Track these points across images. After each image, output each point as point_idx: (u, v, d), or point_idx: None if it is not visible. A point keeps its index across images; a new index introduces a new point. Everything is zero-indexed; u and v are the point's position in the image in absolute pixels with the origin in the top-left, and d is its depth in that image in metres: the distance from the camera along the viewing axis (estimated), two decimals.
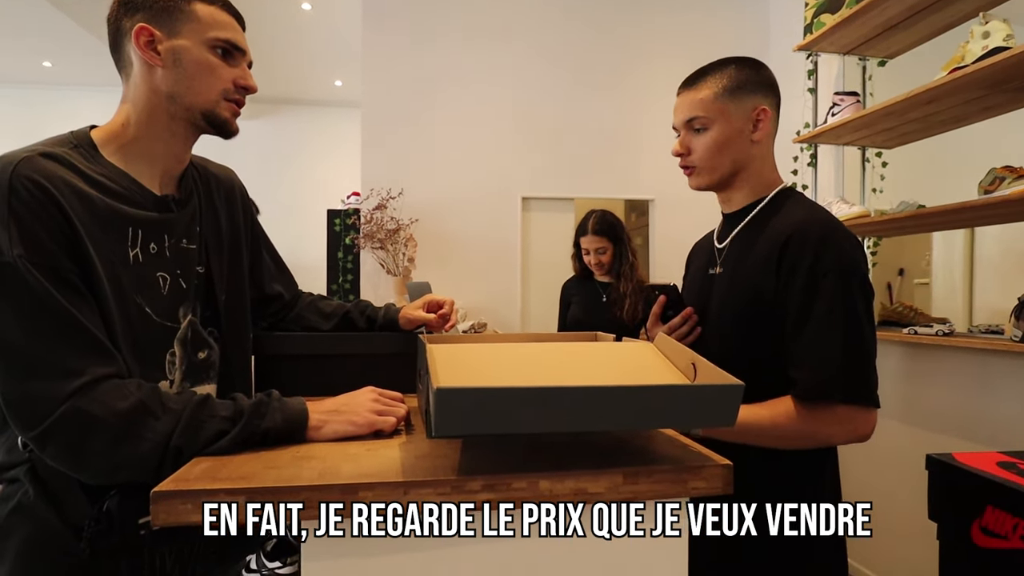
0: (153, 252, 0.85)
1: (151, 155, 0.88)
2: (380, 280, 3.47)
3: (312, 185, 6.07)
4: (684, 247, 1.43)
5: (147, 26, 0.84)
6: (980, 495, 0.95)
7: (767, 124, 1.08)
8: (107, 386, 0.72)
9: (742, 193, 1.12)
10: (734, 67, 1.08)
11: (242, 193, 1.09)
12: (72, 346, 0.72)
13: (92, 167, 0.81)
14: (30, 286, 0.70)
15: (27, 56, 5.03)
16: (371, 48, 3.47)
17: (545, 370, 0.73)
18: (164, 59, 0.85)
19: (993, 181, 1.69)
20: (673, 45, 3.73)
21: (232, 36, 0.89)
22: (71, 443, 0.70)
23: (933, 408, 2.10)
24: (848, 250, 0.97)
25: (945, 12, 2.13)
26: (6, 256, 0.70)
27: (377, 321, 1.18)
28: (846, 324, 0.93)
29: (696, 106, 1.07)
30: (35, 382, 0.70)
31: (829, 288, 0.94)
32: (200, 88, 0.87)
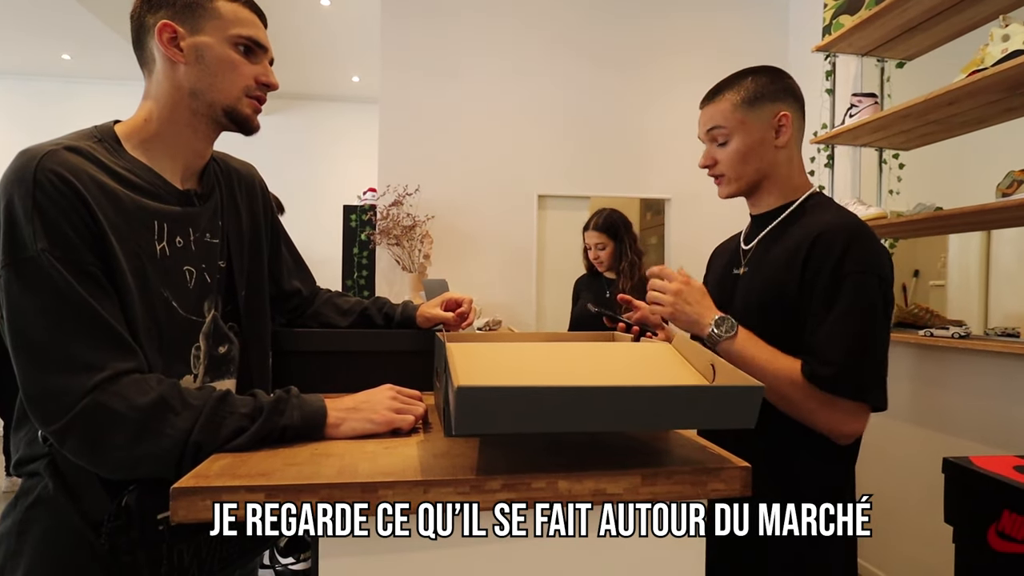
0: (179, 246, 0.86)
1: (173, 150, 0.89)
2: (395, 276, 3.49)
3: (328, 180, 6.11)
4: (700, 246, 1.43)
5: (170, 23, 0.85)
6: (997, 499, 0.95)
7: (789, 128, 1.10)
8: (128, 381, 0.72)
9: (772, 197, 1.15)
10: (750, 78, 1.11)
11: (263, 188, 1.09)
12: (93, 341, 0.72)
13: (115, 161, 0.82)
14: (53, 280, 0.71)
15: (47, 49, 5.11)
16: (390, 44, 3.48)
17: (564, 370, 0.74)
18: (187, 56, 0.86)
19: (1011, 184, 1.67)
20: (692, 45, 3.71)
21: (254, 33, 0.90)
22: (91, 438, 0.71)
23: (949, 411, 2.08)
24: (873, 253, 0.99)
25: (965, 15, 2.10)
26: (30, 250, 0.71)
27: (395, 318, 1.18)
28: (863, 324, 0.95)
29: (715, 119, 1.11)
30: (56, 376, 0.70)
31: (851, 288, 0.96)
32: (222, 85, 0.88)
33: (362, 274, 4.44)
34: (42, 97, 5.75)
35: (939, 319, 2.21)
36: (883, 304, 0.98)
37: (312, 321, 1.19)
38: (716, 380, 0.69)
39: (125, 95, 5.73)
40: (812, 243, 1.01)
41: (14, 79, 5.70)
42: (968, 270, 2.56)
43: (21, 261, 0.71)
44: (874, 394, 0.97)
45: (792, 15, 3.73)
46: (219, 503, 0.60)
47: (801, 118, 1.14)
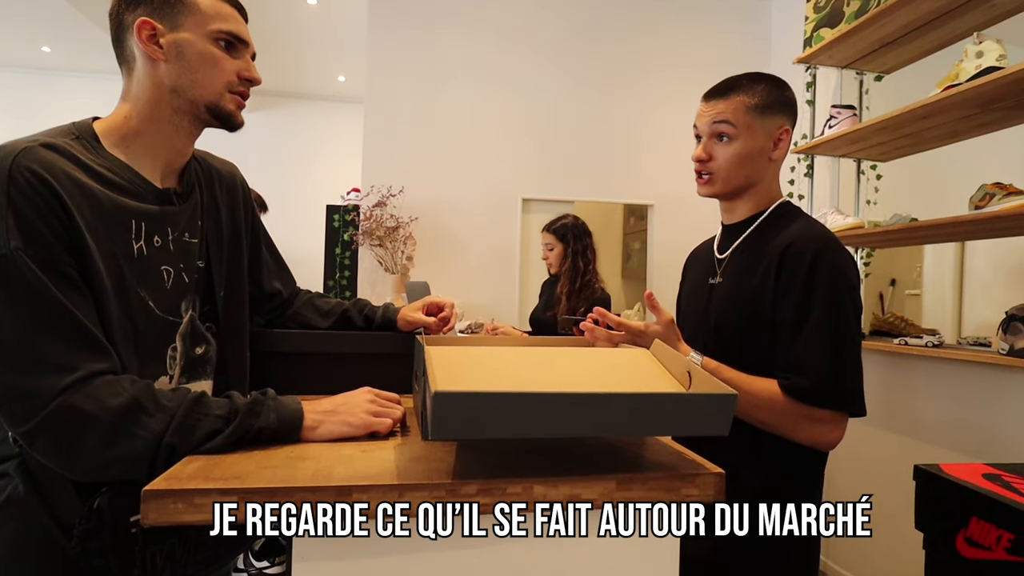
0: (157, 245, 0.85)
1: (153, 148, 0.88)
2: (378, 277, 3.47)
3: (312, 179, 6.06)
4: (683, 252, 1.44)
5: (149, 20, 0.84)
6: (965, 506, 0.97)
7: (786, 145, 1.12)
8: (100, 382, 0.71)
9: (747, 205, 1.15)
10: (765, 85, 1.11)
11: (244, 188, 1.08)
12: (66, 341, 0.71)
13: (94, 158, 0.81)
14: (26, 279, 0.70)
15: (26, 40, 5.01)
16: (376, 45, 3.47)
17: (542, 375, 0.74)
18: (167, 53, 0.85)
19: (984, 197, 1.71)
20: (676, 54, 3.75)
21: (234, 28, 0.89)
22: (62, 440, 0.70)
23: (921, 418, 2.12)
24: (841, 264, 1.00)
25: (940, 31, 2.16)
26: (3, 248, 0.69)
27: (375, 320, 1.18)
28: (836, 333, 0.97)
29: (724, 115, 1.10)
30: (26, 377, 0.69)
31: (821, 298, 0.98)
32: (204, 81, 0.87)
33: (344, 274, 4.41)
34: (20, 89, 5.64)
35: (914, 328, 2.25)
36: (854, 312, 1.00)
37: (292, 322, 1.18)
38: (692, 387, 0.70)
39: (105, 89, 5.64)
40: (782, 254, 1.02)
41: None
42: (943, 280, 2.62)
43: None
44: (855, 402, 0.98)
45: (774, 27, 3.79)
46: (192, 505, 0.59)
47: (791, 137, 1.16)
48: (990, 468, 1.08)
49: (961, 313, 2.48)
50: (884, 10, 2.12)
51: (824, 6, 2.59)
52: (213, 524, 0.59)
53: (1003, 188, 1.69)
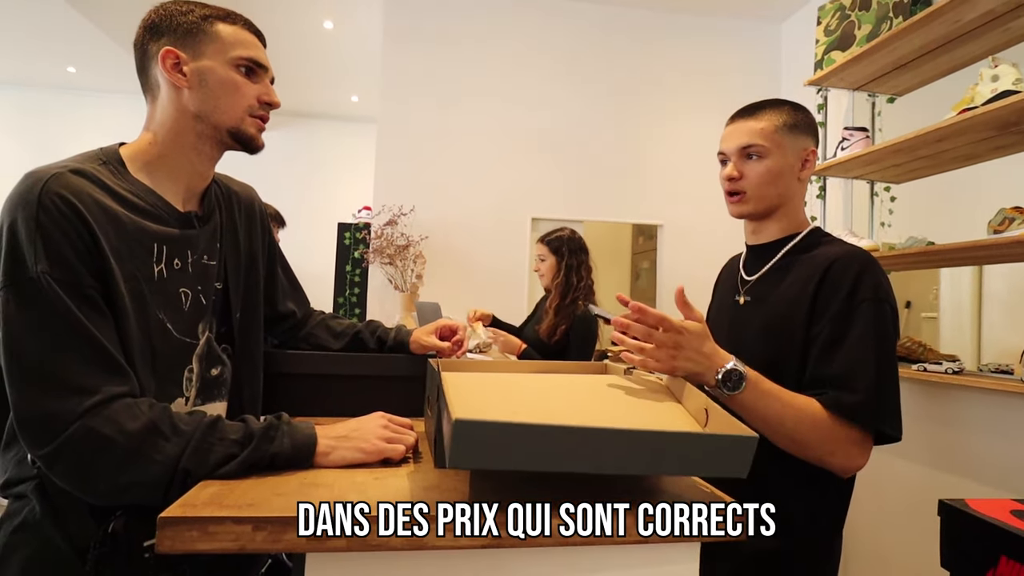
0: (177, 268, 0.86)
1: (176, 172, 0.90)
2: (387, 295, 3.48)
3: (324, 197, 6.12)
4: (691, 271, 1.44)
5: (173, 49, 0.86)
6: (994, 544, 0.94)
7: (812, 167, 1.14)
8: (119, 405, 0.71)
9: (776, 227, 1.16)
10: (790, 107, 1.13)
11: (261, 210, 1.10)
12: (88, 364, 0.71)
13: (119, 183, 0.82)
14: (51, 302, 0.71)
15: (53, 61, 5.14)
16: (390, 67, 3.52)
17: (559, 406, 0.73)
18: (190, 80, 0.87)
19: (1003, 221, 1.70)
20: (687, 76, 3.78)
21: (254, 54, 0.91)
22: (80, 463, 0.70)
23: (944, 448, 2.07)
24: (884, 283, 1.00)
25: (953, 54, 2.15)
26: (30, 271, 0.71)
27: (387, 343, 1.18)
28: (880, 350, 0.95)
29: (756, 134, 1.11)
30: (47, 399, 0.70)
31: (865, 314, 0.96)
32: (226, 106, 0.89)
33: (354, 292, 4.43)
34: (47, 109, 5.77)
35: (932, 353, 2.22)
36: (895, 332, 0.99)
37: (304, 343, 1.18)
38: (708, 425, 0.68)
39: (128, 108, 5.77)
40: (824, 274, 1.02)
41: (20, 90, 5.72)
42: (961, 303, 2.59)
43: (21, 282, 0.71)
44: (893, 423, 0.95)
45: (784, 49, 3.81)
46: (206, 533, 0.58)
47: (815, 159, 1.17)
48: (1018, 504, 1.05)
49: (980, 338, 2.44)
50: (896, 34, 2.12)
51: (835, 29, 2.59)
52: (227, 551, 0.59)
53: (1023, 212, 1.67)
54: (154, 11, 0.89)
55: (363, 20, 4.05)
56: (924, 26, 2.04)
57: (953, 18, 1.99)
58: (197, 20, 0.88)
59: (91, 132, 5.71)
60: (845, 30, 2.55)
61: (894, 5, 2.34)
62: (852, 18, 2.52)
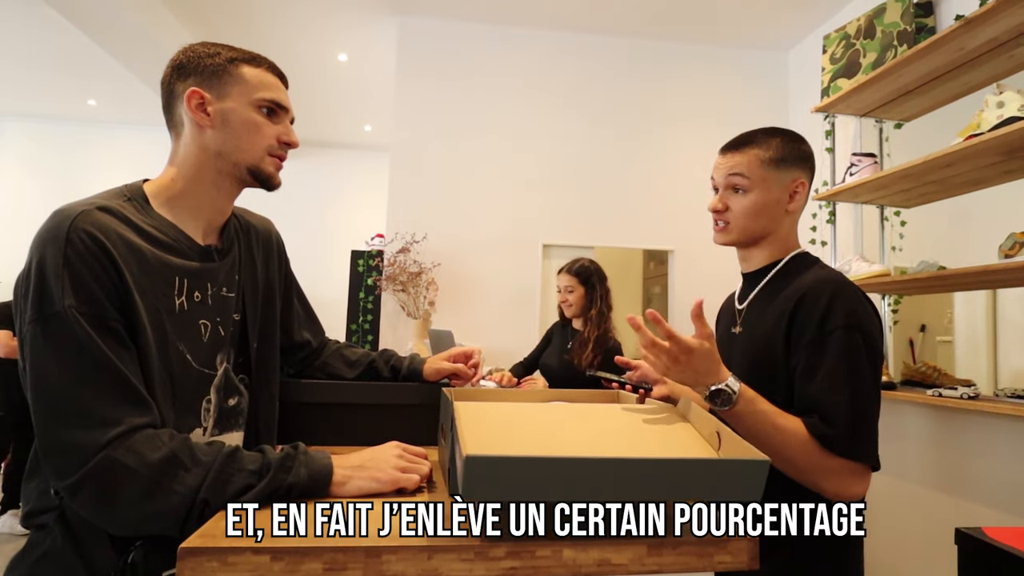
0: (197, 300, 0.89)
1: (197, 208, 0.93)
2: (400, 322, 3.50)
3: (337, 225, 6.20)
4: (703, 296, 1.43)
5: (198, 90, 0.90)
6: (1012, 574, 0.93)
7: (802, 197, 1.13)
8: (141, 436, 0.73)
9: (762, 254, 1.16)
10: (779, 139, 1.13)
11: (279, 243, 1.13)
12: (111, 396, 0.73)
13: (143, 218, 0.86)
14: (76, 335, 0.73)
15: (75, 95, 5.31)
16: (402, 97, 3.60)
17: (571, 436, 0.74)
18: (214, 120, 0.90)
19: (1013, 246, 1.70)
20: (696, 103, 3.83)
21: (276, 96, 0.94)
22: (103, 494, 0.71)
23: (959, 474, 2.04)
24: (857, 309, 0.99)
25: (959, 80, 2.18)
26: (56, 305, 0.73)
27: (401, 371, 1.19)
28: (852, 381, 0.95)
29: (740, 169, 1.12)
30: (72, 431, 0.71)
31: (836, 344, 0.96)
32: (246, 145, 0.92)
33: (367, 318, 4.46)
34: (68, 140, 5.93)
35: (947, 378, 2.20)
36: (870, 358, 0.97)
37: (320, 372, 1.20)
38: (721, 449, 0.69)
39: (146, 139, 5.92)
40: (798, 301, 1.02)
41: (41, 123, 5.90)
42: (975, 327, 2.56)
43: (48, 316, 0.73)
44: (867, 453, 0.94)
45: (792, 77, 3.85)
46: (226, 563, 0.60)
47: (811, 187, 1.17)
48: None
49: (996, 362, 2.41)
50: (900, 62, 2.15)
51: (840, 57, 2.63)
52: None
53: None
54: (182, 52, 0.93)
55: (377, 53, 4.16)
56: (928, 54, 2.07)
57: (957, 46, 2.02)
58: (223, 63, 0.91)
59: (111, 164, 5.87)
60: (851, 58, 2.58)
61: (898, 33, 2.38)
62: (857, 46, 2.56)
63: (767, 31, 3.70)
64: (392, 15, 3.66)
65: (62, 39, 4.15)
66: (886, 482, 0.87)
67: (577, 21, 3.67)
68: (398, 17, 3.65)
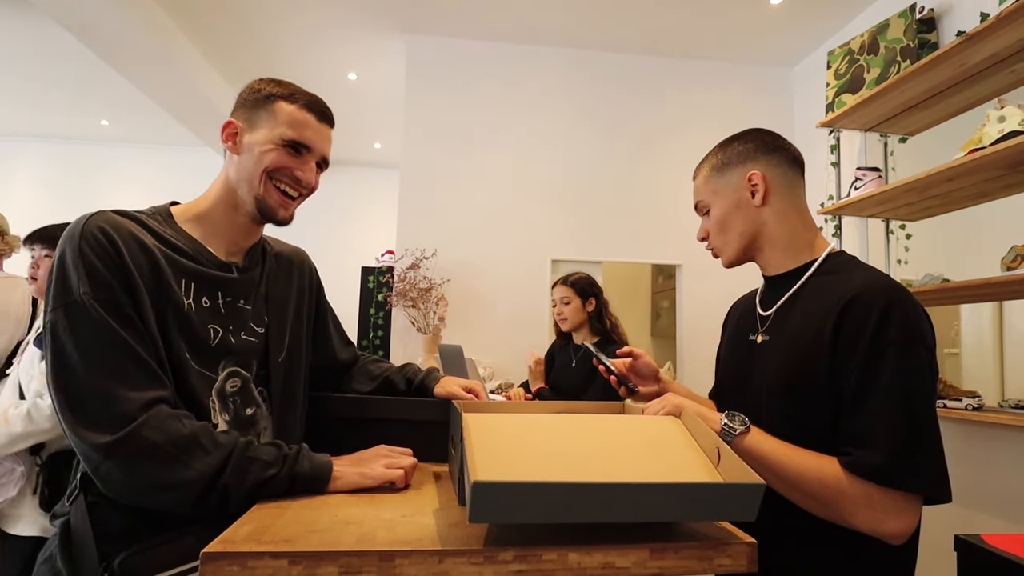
0: (205, 305, 0.93)
1: (219, 229, 0.98)
2: (410, 338, 3.54)
3: (348, 241, 6.27)
4: (711, 310, 1.46)
5: (235, 121, 0.96)
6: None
7: (763, 186, 1.04)
8: (165, 413, 0.79)
9: (777, 257, 1.06)
10: (719, 148, 1.11)
11: (311, 270, 1.19)
12: (131, 374, 0.79)
13: (163, 228, 0.92)
14: (93, 320, 0.79)
15: (88, 115, 5.44)
16: (412, 115, 3.67)
17: (577, 453, 0.76)
18: (240, 149, 0.96)
19: (1015, 259, 1.71)
20: (703, 118, 3.87)
21: (300, 136, 0.96)
22: (127, 463, 0.76)
23: (962, 485, 2.05)
24: (914, 319, 0.86)
25: (962, 95, 2.21)
26: (75, 294, 0.79)
27: (414, 383, 1.21)
28: (913, 401, 0.83)
29: (697, 194, 1.13)
30: (101, 407, 0.77)
31: (892, 361, 0.84)
32: (251, 176, 0.95)
33: (377, 334, 4.49)
34: (81, 159, 6.05)
35: (952, 390, 2.20)
36: (931, 375, 0.86)
37: (346, 387, 1.24)
38: (720, 466, 0.72)
39: (160, 160, 6.03)
40: (843, 309, 0.89)
41: (55, 143, 6.03)
42: (982, 339, 2.57)
43: (67, 304, 0.79)
44: (935, 483, 0.82)
45: (797, 93, 3.89)
46: (246, 567, 0.63)
47: (785, 173, 1.05)
48: None
49: (1003, 374, 2.41)
50: (903, 77, 2.18)
51: (844, 73, 2.66)
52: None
53: None
54: (244, 87, 1.00)
55: (385, 72, 4.24)
56: (930, 69, 2.10)
57: (959, 61, 2.05)
58: (262, 98, 0.97)
59: (123, 184, 5.97)
60: (855, 74, 2.62)
61: (901, 49, 2.41)
62: (861, 62, 2.60)
63: (773, 47, 3.74)
64: (400, 33, 3.74)
65: (76, 60, 4.26)
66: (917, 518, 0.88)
67: (583, 38, 3.73)
68: (406, 35, 3.73)
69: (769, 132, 1.09)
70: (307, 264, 1.18)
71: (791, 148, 1.08)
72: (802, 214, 1.05)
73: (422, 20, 3.59)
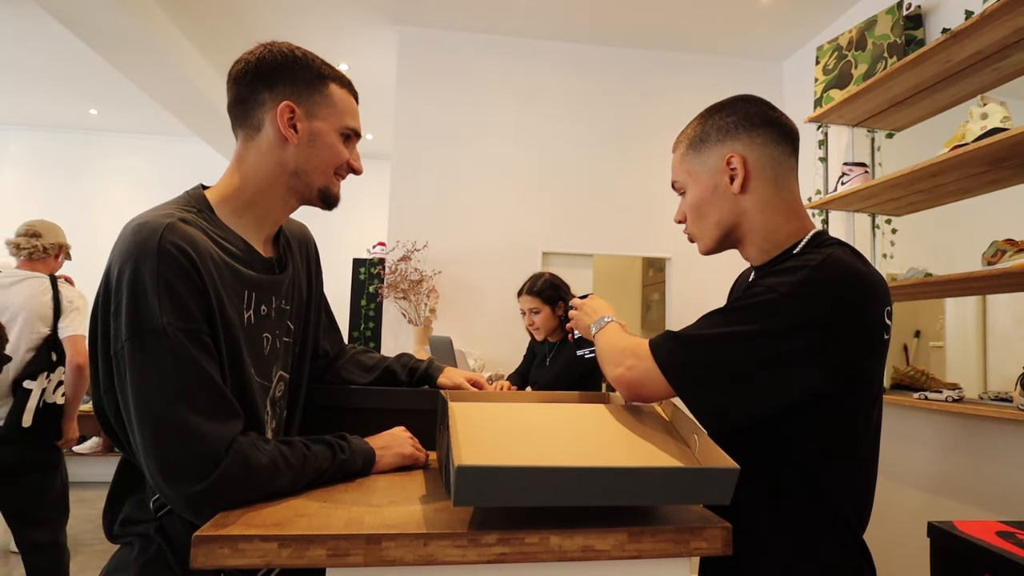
0: (263, 314, 0.90)
1: (262, 219, 0.92)
2: (401, 329, 3.55)
3: (339, 233, 6.24)
4: (700, 303, 1.46)
5: (292, 104, 0.87)
6: (979, 564, 0.97)
7: (742, 171, 0.89)
8: (245, 443, 0.77)
9: (755, 250, 0.93)
10: (700, 118, 0.97)
11: (316, 253, 1.13)
12: (212, 407, 0.76)
13: (215, 230, 0.85)
14: (175, 351, 0.74)
15: (76, 104, 5.38)
16: (403, 106, 3.66)
17: (560, 440, 0.79)
18: (300, 138, 0.88)
19: (995, 253, 1.74)
20: (692, 112, 3.80)
21: (357, 124, 0.95)
22: (225, 496, 0.74)
23: (939, 473, 2.09)
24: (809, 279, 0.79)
25: (947, 92, 2.23)
26: (156, 322, 0.73)
27: (417, 373, 1.20)
28: (710, 326, 0.82)
29: (673, 172, 1.00)
30: (180, 452, 0.73)
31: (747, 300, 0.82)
32: (324, 168, 0.92)
33: (368, 326, 4.50)
34: (70, 148, 5.99)
35: (935, 382, 2.24)
36: (760, 316, 0.79)
37: (335, 378, 1.19)
38: (698, 450, 0.74)
39: (150, 149, 5.98)
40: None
41: (42, 132, 5.96)
42: (966, 332, 2.61)
43: (146, 332, 0.74)
44: (665, 351, 0.83)
45: (786, 87, 3.91)
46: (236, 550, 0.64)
47: (771, 153, 0.91)
48: (1005, 526, 1.07)
49: (986, 366, 2.46)
50: (890, 73, 2.20)
51: (833, 68, 2.69)
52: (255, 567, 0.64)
53: (1014, 245, 1.72)
54: (267, 51, 0.88)
55: (377, 63, 4.22)
56: (917, 66, 2.13)
57: (944, 58, 2.07)
58: (314, 79, 0.89)
59: (112, 174, 5.92)
60: (843, 69, 2.64)
61: (888, 45, 2.44)
62: (849, 58, 2.62)
63: (763, 42, 3.76)
64: (392, 25, 3.73)
65: (64, 48, 4.21)
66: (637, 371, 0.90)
67: (575, 32, 3.73)
68: (398, 27, 3.72)
69: (757, 102, 0.95)
70: (312, 245, 1.12)
71: (780, 120, 0.94)
72: (788, 202, 0.91)
73: (414, 11, 3.58)
